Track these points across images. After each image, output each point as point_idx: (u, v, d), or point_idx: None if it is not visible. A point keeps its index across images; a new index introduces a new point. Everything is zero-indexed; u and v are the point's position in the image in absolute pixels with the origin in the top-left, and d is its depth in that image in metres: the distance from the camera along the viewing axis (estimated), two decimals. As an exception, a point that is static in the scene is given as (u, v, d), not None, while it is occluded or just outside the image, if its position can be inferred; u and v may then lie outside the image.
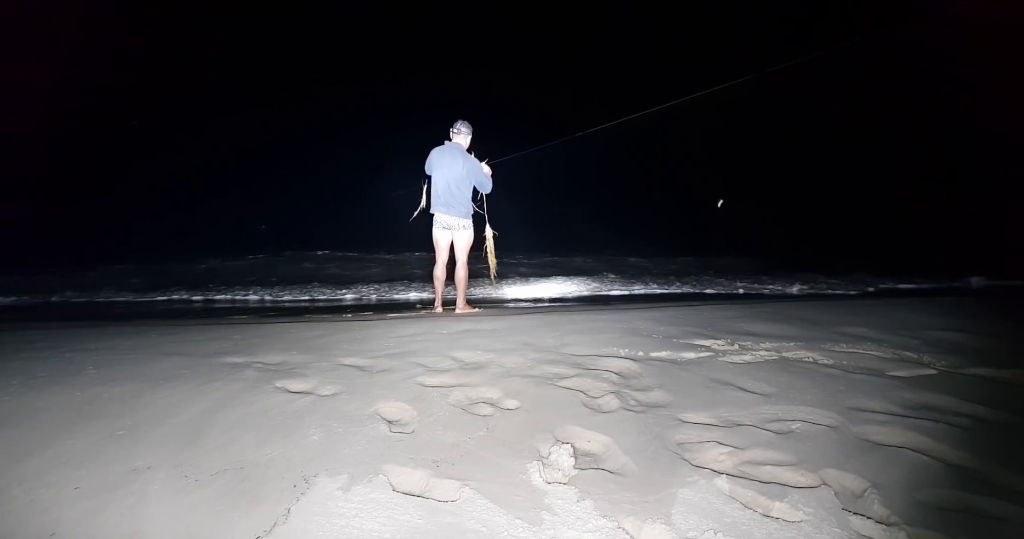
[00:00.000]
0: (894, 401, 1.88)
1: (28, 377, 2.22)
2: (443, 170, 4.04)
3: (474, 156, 4.11)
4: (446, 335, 2.91)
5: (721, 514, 1.24)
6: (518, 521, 1.23)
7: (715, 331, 2.91)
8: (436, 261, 4.26)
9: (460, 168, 4.00)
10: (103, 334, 3.30)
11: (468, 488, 1.35)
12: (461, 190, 4.07)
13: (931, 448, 1.55)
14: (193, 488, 1.40)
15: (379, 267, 9.22)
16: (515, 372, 2.20)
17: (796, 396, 1.93)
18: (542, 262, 9.62)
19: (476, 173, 4.08)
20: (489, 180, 4.19)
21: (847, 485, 1.38)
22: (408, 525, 1.22)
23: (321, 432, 1.67)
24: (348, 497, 1.32)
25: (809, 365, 2.32)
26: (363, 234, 12.09)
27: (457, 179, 4.02)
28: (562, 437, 1.65)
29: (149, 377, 2.21)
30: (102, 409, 1.89)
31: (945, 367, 2.32)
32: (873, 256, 9.64)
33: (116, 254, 9.62)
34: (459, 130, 4.13)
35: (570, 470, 1.46)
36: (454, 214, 4.10)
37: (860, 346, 2.63)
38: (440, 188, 4.07)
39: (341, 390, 2.05)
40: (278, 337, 3.05)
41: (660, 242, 11.74)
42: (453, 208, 4.08)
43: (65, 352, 2.67)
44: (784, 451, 1.53)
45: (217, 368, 2.34)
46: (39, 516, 1.31)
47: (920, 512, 1.25)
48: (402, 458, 1.51)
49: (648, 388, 2.04)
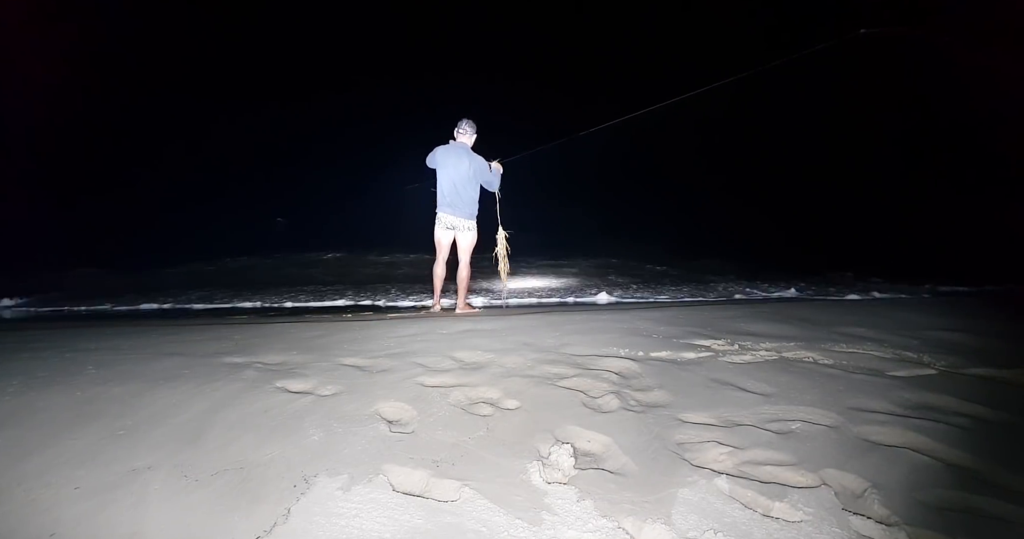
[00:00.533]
0: (894, 401, 1.88)
1: (28, 377, 2.22)
2: (449, 169, 3.98)
3: (480, 156, 4.08)
4: (446, 335, 2.91)
5: (721, 514, 1.24)
6: (518, 521, 1.23)
7: (715, 331, 2.91)
8: (436, 259, 4.20)
9: (467, 168, 3.95)
10: (103, 334, 3.31)
11: (468, 488, 1.35)
12: (467, 190, 4.00)
13: (931, 448, 1.55)
14: (193, 488, 1.40)
15: (376, 268, 9.23)
16: (515, 372, 2.20)
17: (796, 396, 1.93)
18: (540, 263, 9.64)
19: (483, 172, 4.03)
20: (497, 179, 4.13)
21: (847, 485, 1.38)
22: (408, 525, 1.22)
23: (321, 432, 1.67)
24: (348, 497, 1.32)
25: (809, 365, 2.32)
26: (368, 232, 12.12)
27: (464, 179, 3.96)
28: (562, 437, 1.65)
29: (149, 377, 2.22)
30: (102, 409, 1.89)
31: (945, 367, 2.32)
32: (874, 260, 9.62)
33: (112, 256, 9.63)
34: (464, 130, 4.08)
35: (570, 470, 1.46)
36: (459, 215, 4.04)
37: (860, 346, 2.63)
38: (446, 188, 4.01)
39: (341, 390, 2.05)
40: (278, 337, 3.05)
41: (659, 242, 11.75)
42: (459, 208, 4.02)
43: (65, 352, 2.67)
44: (784, 451, 1.53)
45: (217, 368, 2.34)
46: (39, 516, 1.31)
47: (920, 512, 1.25)
48: (402, 458, 1.51)
49: (648, 388, 2.04)
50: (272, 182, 17.73)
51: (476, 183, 4.04)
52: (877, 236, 13.02)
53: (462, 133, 4.08)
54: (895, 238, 12.39)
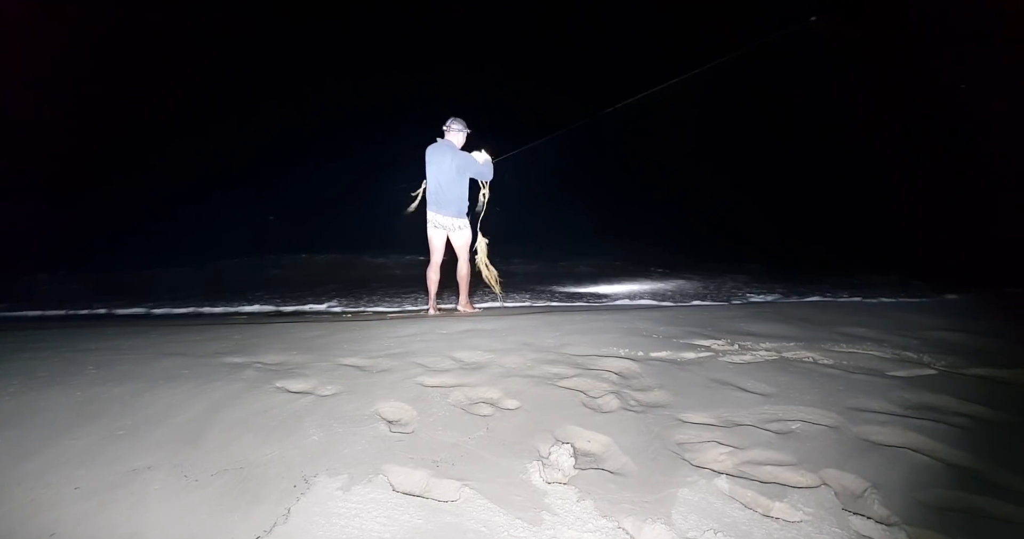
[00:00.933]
0: (894, 401, 1.88)
1: (28, 377, 2.22)
2: (433, 168, 3.96)
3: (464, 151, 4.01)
4: (446, 335, 2.91)
5: (721, 514, 1.24)
6: (518, 521, 1.23)
7: (715, 331, 2.91)
8: (430, 261, 4.12)
9: (448, 165, 3.91)
10: (103, 334, 3.31)
11: (468, 488, 1.35)
12: (451, 189, 3.95)
13: (931, 448, 1.55)
14: (193, 488, 1.40)
15: (369, 270, 9.18)
16: (515, 372, 2.20)
17: (796, 396, 1.93)
18: (539, 263, 9.63)
19: (470, 166, 3.97)
20: (489, 168, 4.06)
21: (847, 485, 1.38)
22: (408, 525, 1.22)
23: (321, 432, 1.67)
24: (348, 497, 1.32)
25: (809, 365, 2.32)
26: (357, 233, 12.10)
27: (447, 178, 3.92)
28: (562, 437, 1.65)
29: (149, 377, 2.21)
30: (102, 409, 1.89)
31: (945, 367, 2.32)
32: (874, 261, 9.58)
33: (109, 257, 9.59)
34: (450, 127, 4.03)
35: (570, 470, 1.46)
36: (445, 214, 3.99)
37: (860, 346, 2.63)
38: (431, 187, 3.98)
39: (341, 390, 2.05)
40: (278, 337, 3.05)
41: (658, 243, 11.75)
42: (443, 207, 3.97)
43: (65, 352, 2.67)
44: (784, 451, 1.53)
45: (217, 368, 2.34)
46: (39, 516, 1.31)
47: (920, 512, 1.25)
48: (402, 458, 1.51)
49: (648, 388, 2.04)
50: (270, 180, 17.72)
51: (462, 180, 3.98)
52: (880, 237, 12.99)
53: (448, 130, 4.03)
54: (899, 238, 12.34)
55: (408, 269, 8.72)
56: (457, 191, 3.99)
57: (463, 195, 4.04)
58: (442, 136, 4.07)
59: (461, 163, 3.96)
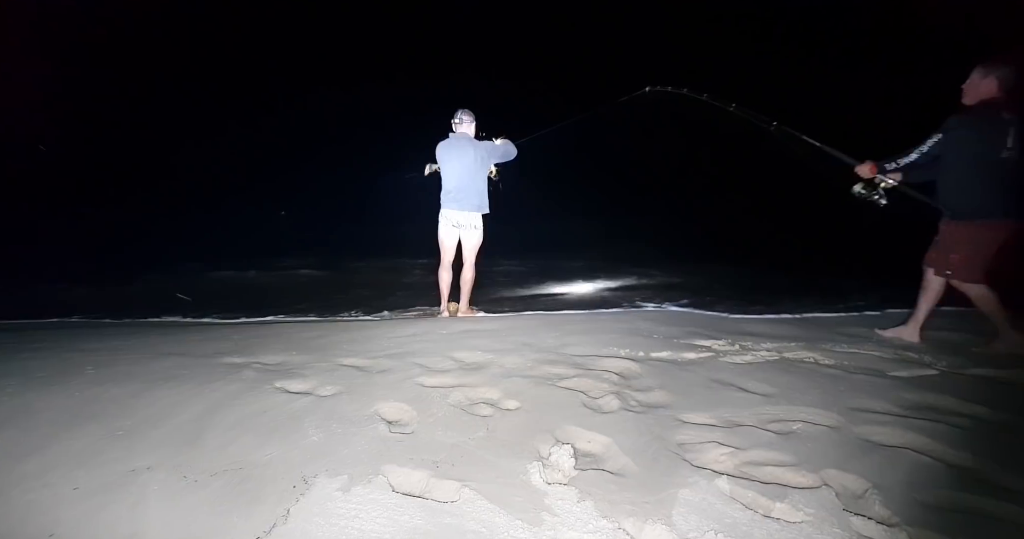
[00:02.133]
0: (895, 401, 1.88)
1: (27, 377, 2.21)
2: (453, 162, 3.82)
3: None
4: (446, 335, 2.91)
5: (722, 515, 1.24)
6: (518, 522, 1.23)
7: (716, 331, 2.91)
8: (441, 262, 4.00)
9: (472, 157, 3.78)
10: (102, 334, 3.30)
11: (468, 489, 1.35)
12: (476, 180, 3.84)
13: (931, 448, 1.55)
14: (193, 489, 1.39)
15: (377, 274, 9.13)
16: (515, 372, 2.20)
17: (797, 396, 1.92)
18: (538, 263, 9.61)
19: (493, 153, 3.88)
20: (512, 147, 3.99)
21: (848, 486, 1.38)
22: (408, 526, 1.22)
23: (321, 433, 1.67)
24: (348, 498, 1.32)
25: (810, 365, 2.32)
26: (371, 232, 12.06)
27: (472, 169, 3.80)
28: (562, 438, 1.65)
29: (148, 377, 2.21)
30: (101, 409, 1.88)
31: (945, 367, 2.32)
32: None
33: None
34: (461, 119, 3.90)
35: (570, 471, 1.46)
36: (466, 208, 3.85)
37: (861, 346, 2.63)
38: (452, 182, 3.84)
39: (341, 390, 2.04)
40: (277, 337, 3.04)
41: (657, 243, 11.74)
42: (464, 202, 3.83)
43: (64, 352, 2.67)
44: (785, 452, 1.53)
45: (216, 368, 2.34)
46: (39, 516, 1.31)
47: (921, 512, 1.25)
48: (402, 459, 1.51)
49: (649, 388, 2.03)
50: (282, 180, 17.75)
51: (484, 172, 3.88)
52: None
53: (459, 123, 3.92)
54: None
55: (424, 274, 8.60)
56: (480, 184, 3.89)
57: (484, 189, 3.92)
58: (452, 131, 4.00)
59: (485, 153, 3.85)
